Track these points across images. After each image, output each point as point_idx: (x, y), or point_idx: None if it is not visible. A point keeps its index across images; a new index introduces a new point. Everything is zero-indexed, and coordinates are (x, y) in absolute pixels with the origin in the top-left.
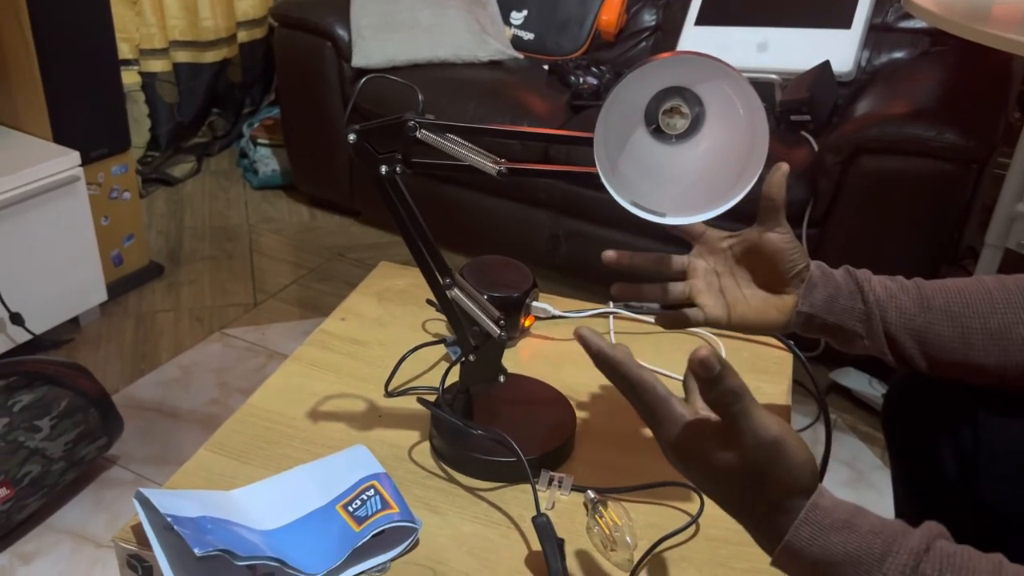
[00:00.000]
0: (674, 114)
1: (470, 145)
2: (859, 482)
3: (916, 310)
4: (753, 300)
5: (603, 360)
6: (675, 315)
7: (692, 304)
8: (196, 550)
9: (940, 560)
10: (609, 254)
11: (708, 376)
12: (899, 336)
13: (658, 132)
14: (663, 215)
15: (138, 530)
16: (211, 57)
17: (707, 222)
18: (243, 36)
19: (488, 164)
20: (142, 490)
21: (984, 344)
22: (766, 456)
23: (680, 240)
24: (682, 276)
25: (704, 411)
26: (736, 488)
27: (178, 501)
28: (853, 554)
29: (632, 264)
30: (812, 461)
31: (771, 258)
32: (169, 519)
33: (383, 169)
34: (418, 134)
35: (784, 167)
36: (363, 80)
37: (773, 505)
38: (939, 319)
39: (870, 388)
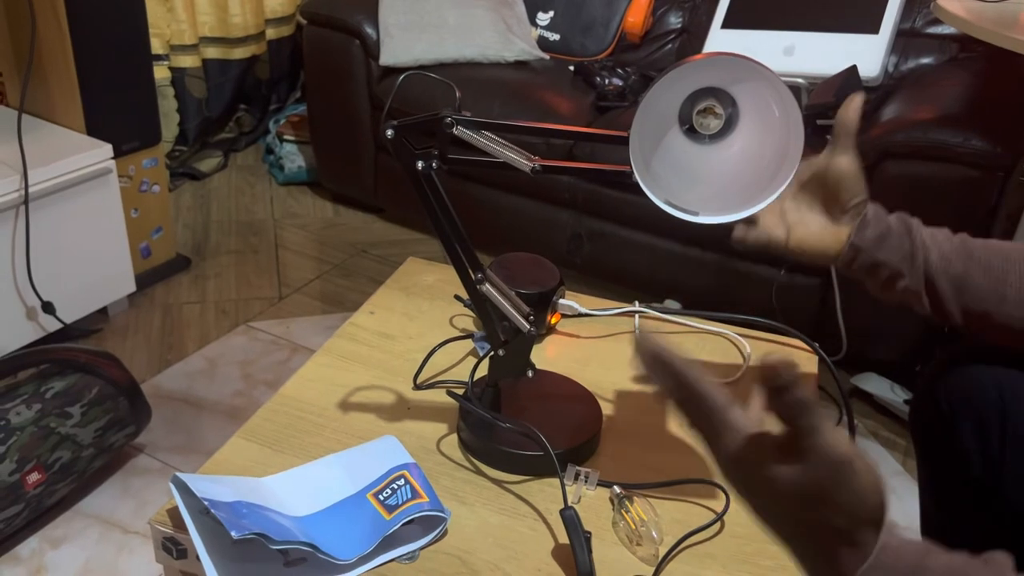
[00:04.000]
0: (708, 114)
1: (504, 142)
2: None
3: (957, 257)
4: (813, 225)
5: (660, 362)
6: (743, 229)
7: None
8: (233, 533)
9: None
10: None
11: (777, 384)
12: (938, 280)
13: (692, 132)
14: (696, 214)
15: (174, 513)
16: (240, 53)
17: None
18: (271, 33)
19: (522, 161)
20: (179, 474)
21: (1016, 299)
22: (831, 476)
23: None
24: None
25: (762, 414)
26: (797, 510)
27: (213, 486)
28: None
29: None
30: (880, 487)
31: (835, 185)
32: (206, 503)
33: (420, 164)
34: (455, 130)
35: (860, 97)
36: (402, 77)
37: (837, 533)
38: (977, 269)
39: (892, 394)
